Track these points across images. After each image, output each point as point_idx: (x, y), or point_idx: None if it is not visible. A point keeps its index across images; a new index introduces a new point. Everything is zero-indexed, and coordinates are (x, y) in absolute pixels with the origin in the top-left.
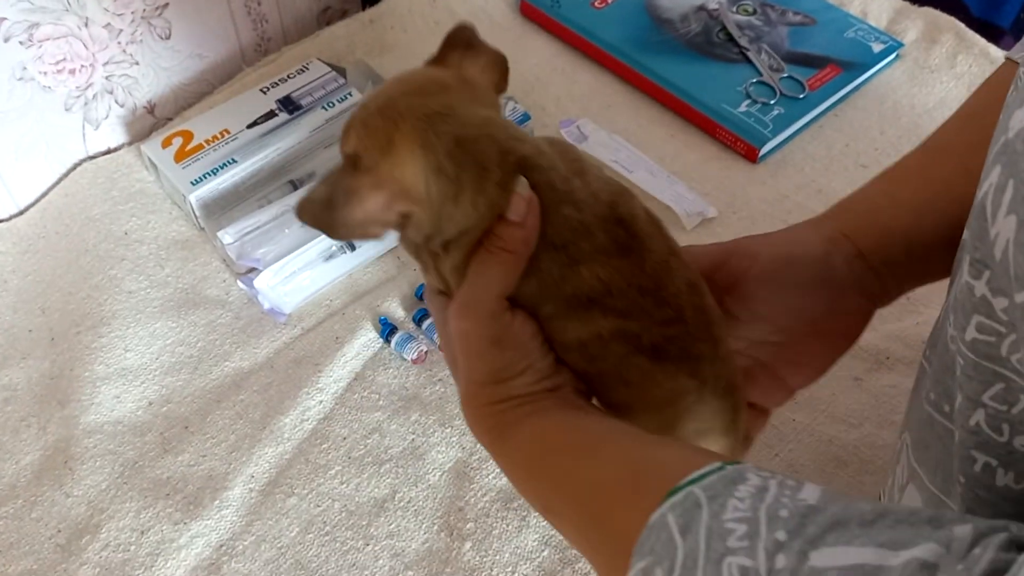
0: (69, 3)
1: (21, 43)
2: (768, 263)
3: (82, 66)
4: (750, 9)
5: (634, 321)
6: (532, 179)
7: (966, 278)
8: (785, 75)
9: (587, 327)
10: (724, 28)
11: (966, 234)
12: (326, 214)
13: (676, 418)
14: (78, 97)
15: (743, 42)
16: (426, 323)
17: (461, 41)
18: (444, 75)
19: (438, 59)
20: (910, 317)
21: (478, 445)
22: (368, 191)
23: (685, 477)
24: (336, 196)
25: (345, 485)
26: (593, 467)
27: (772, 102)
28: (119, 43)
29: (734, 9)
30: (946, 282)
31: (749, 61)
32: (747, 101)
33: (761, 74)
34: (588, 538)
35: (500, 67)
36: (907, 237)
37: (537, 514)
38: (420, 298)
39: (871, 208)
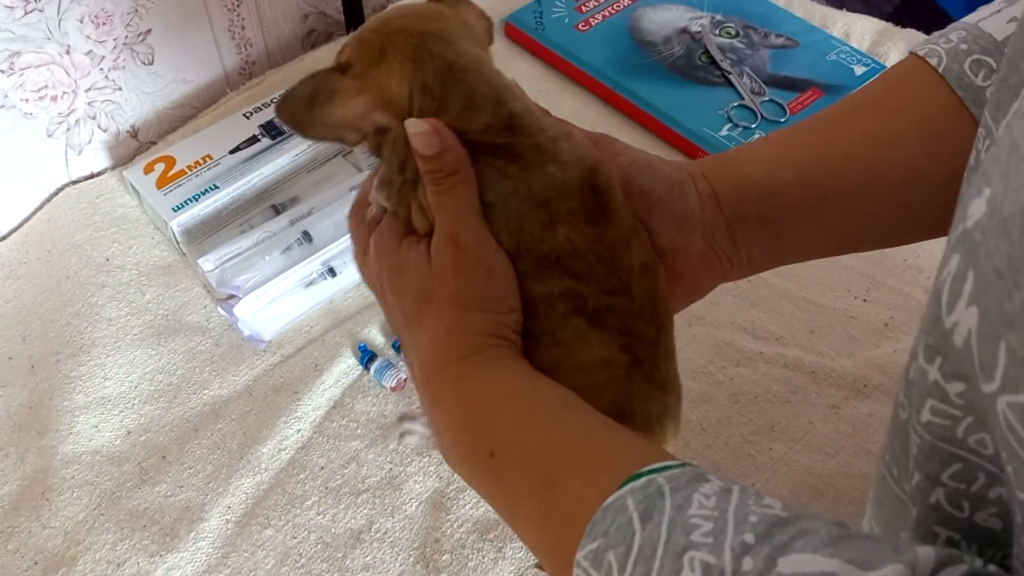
0: (51, 31)
1: (2, 71)
2: (626, 163)
3: (64, 92)
4: (732, 32)
5: (584, 284)
6: (519, 142)
7: (920, 362)
8: (767, 99)
9: (544, 285)
10: (707, 51)
11: (920, 321)
12: (305, 111)
13: (599, 389)
14: (60, 123)
15: (725, 65)
16: None
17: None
18: (444, 9)
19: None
20: (887, 344)
21: (455, 475)
22: (351, 93)
23: (647, 465)
24: (318, 93)
25: (322, 516)
26: (554, 429)
27: (754, 126)
28: (101, 69)
29: (716, 32)
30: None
31: (731, 84)
32: (728, 125)
33: (743, 97)
34: (532, 497)
35: (488, 22)
36: (760, 187)
37: (513, 547)
38: None
39: (731, 156)
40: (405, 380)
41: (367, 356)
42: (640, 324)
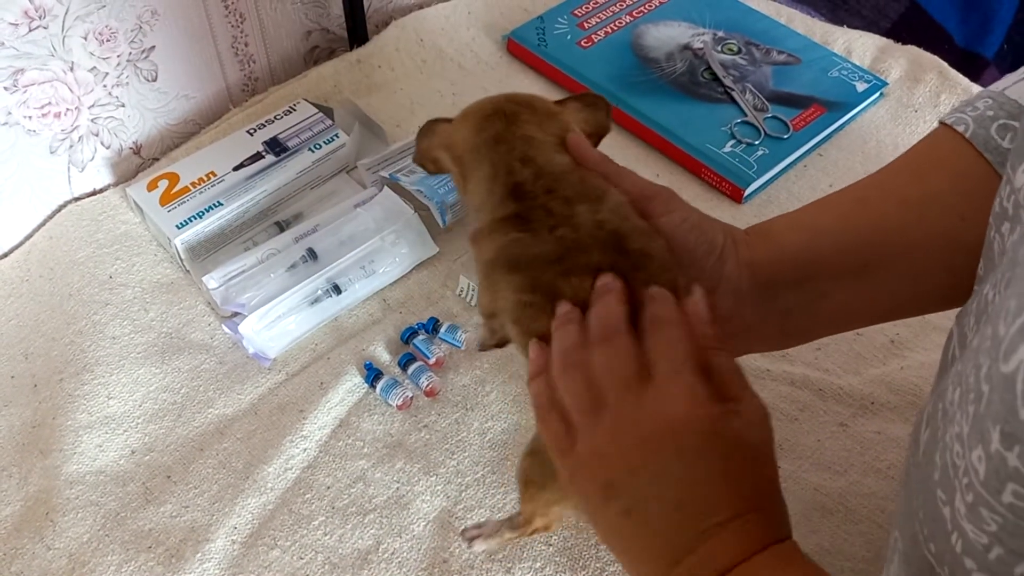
0: (54, 48)
1: (6, 88)
2: (678, 220)
3: (67, 109)
4: (735, 48)
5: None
6: (525, 203)
7: (996, 446)
8: (769, 115)
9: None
10: (709, 67)
11: (991, 401)
12: (419, 141)
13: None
14: (63, 140)
15: (728, 81)
16: (411, 368)
17: (588, 99)
18: (547, 102)
19: (559, 102)
20: (894, 361)
21: (463, 494)
22: (431, 130)
23: None
24: (424, 128)
25: (328, 536)
26: None
27: (757, 142)
28: (105, 86)
29: (719, 48)
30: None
31: (734, 101)
32: (732, 141)
33: (746, 114)
34: None
35: (602, 110)
36: (799, 256)
37: (522, 567)
38: (406, 342)
39: (772, 225)
40: (411, 398)
41: (373, 374)
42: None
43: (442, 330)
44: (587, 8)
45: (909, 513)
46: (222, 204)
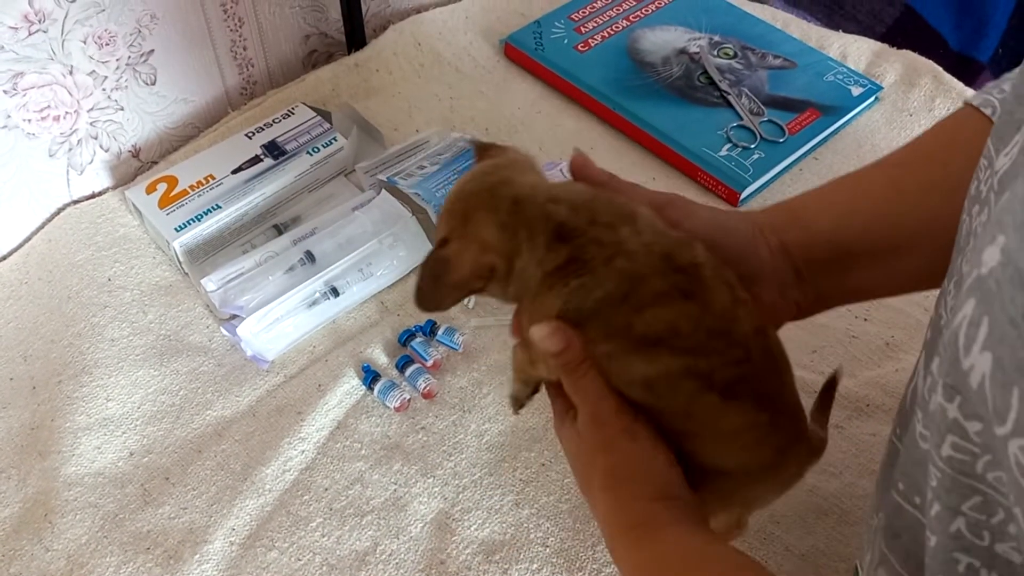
0: (54, 52)
1: (5, 92)
2: (701, 223)
3: (67, 113)
4: (731, 53)
5: (703, 360)
6: (575, 242)
7: (939, 400)
8: (765, 119)
9: (654, 365)
10: (705, 72)
11: (935, 362)
12: (436, 288)
13: (750, 447)
14: (62, 143)
15: (724, 86)
16: (409, 370)
17: (484, 144)
18: (495, 160)
19: (479, 158)
20: (889, 363)
21: (460, 495)
22: (460, 253)
23: None
24: (436, 269)
25: (326, 538)
26: None
27: (752, 146)
28: (104, 90)
29: (715, 53)
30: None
31: (730, 105)
32: (728, 145)
33: (741, 118)
34: None
35: (526, 154)
36: (830, 239)
37: (519, 568)
38: (403, 344)
39: (800, 206)
40: (409, 400)
41: (371, 376)
42: (768, 383)
43: (439, 332)
44: (584, 13)
45: (885, 486)
46: (220, 207)
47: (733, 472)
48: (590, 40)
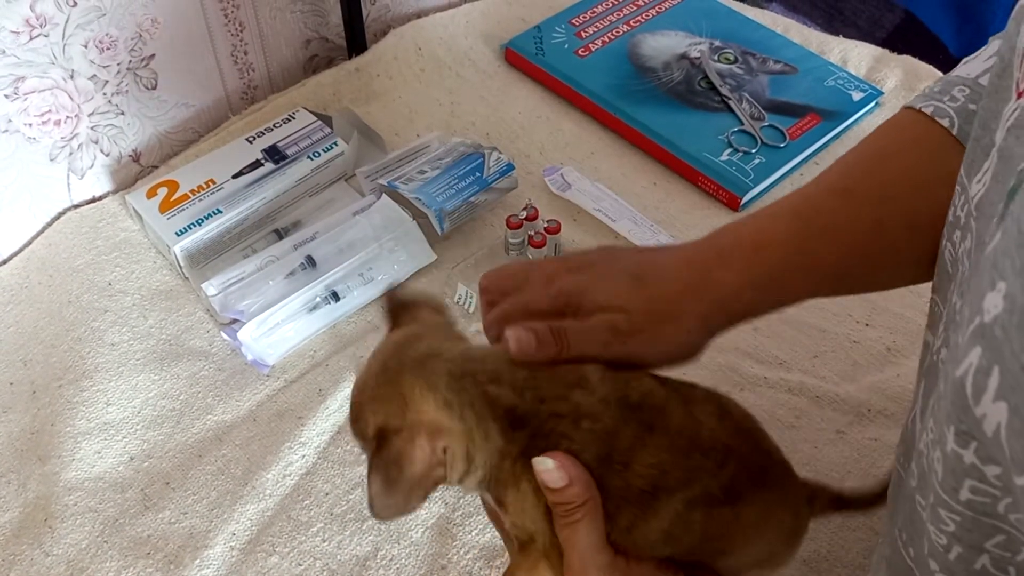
0: (55, 56)
1: (6, 96)
2: (651, 346)
3: (67, 117)
4: (731, 58)
5: (698, 483)
6: (532, 424)
7: (952, 446)
8: (766, 124)
9: (664, 516)
10: (706, 76)
11: (944, 403)
12: (394, 492)
13: (770, 530)
14: (63, 147)
15: (724, 91)
16: None
17: (398, 304)
18: (410, 329)
19: (393, 326)
20: (890, 368)
21: (461, 500)
22: (410, 445)
23: None
24: (389, 472)
25: (327, 543)
26: None
27: (753, 151)
28: (104, 94)
29: (715, 58)
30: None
31: (730, 110)
32: (729, 150)
33: (742, 123)
34: None
35: (438, 303)
36: (790, 278)
37: None
38: None
39: (761, 242)
40: None
41: None
42: (755, 459)
43: None
44: (584, 17)
45: (892, 518)
46: (221, 211)
47: (771, 553)
48: (591, 45)
